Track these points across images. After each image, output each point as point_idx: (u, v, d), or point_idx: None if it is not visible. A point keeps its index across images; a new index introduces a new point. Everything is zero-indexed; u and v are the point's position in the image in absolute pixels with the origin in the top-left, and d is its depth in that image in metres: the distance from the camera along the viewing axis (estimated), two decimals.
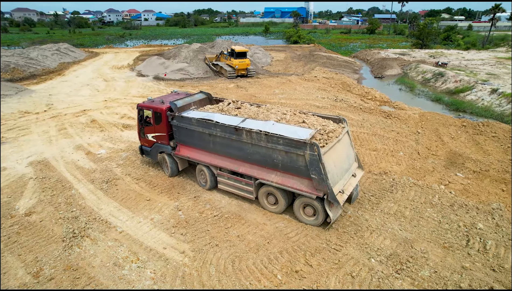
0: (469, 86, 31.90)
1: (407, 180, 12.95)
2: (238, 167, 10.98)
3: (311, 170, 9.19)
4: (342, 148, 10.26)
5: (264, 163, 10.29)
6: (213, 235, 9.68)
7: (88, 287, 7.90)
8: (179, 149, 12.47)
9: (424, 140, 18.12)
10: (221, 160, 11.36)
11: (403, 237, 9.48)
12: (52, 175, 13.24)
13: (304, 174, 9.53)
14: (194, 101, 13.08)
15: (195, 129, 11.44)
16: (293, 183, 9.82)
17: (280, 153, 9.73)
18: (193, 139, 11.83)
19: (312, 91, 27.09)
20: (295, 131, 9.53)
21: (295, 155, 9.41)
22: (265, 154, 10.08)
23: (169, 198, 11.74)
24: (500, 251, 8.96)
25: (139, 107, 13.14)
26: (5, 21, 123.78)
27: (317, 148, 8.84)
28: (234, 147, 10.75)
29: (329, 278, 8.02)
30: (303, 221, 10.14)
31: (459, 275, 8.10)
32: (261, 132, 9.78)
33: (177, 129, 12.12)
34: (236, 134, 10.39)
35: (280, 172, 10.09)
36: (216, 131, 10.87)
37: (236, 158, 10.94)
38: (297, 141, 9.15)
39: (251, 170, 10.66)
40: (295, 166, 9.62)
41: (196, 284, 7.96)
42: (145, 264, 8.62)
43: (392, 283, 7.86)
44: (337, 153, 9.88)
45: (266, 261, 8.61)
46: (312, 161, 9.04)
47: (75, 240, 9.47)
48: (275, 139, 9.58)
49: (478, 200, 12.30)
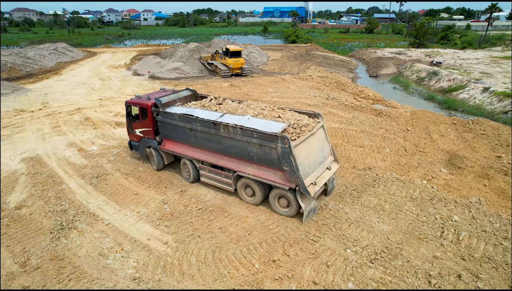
0: (462, 85, 32.20)
1: (390, 175, 13.24)
2: (217, 160, 11.42)
3: (283, 162, 9.59)
4: (316, 142, 10.64)
5: (241, 156, 10.72)
6: (196, 227, 10.00)
7: (72, 276, 8.21)
8: (164, 144, 12.95)
9: (413, 138, 18.40)
10: (202, 154, 11.81)
11: (380, 229, 9.79)
12: (43, 171, 13.56)
13: (277, 166, 9.92)
14: (179, 98, 13.55)
15: (178, 124, 11.89)
16: (268, 175, 10.23)
17: (254, 146, 10.14)
18: (176, 134, 12.29)
19: (305, 90, 27.39)
20: (268, 125, 9.92)
21: (268, 148, 9.82)
22: (241, 147, 10.50)
23: (156, 192, 12.06)
24: (472, 242, 9.26)
25: (127, 104, 13.72)
26: (5, 21, 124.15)
27: (288, 141, 9.20)
28: (213, 141, 11.19)
29: (305, 267, 8.33)
30: (278, 212, 10.57)
31: (430, 264, 8.40)
32: (236, 126, 10.19)
33: (162, 125, 12.62)
34: (215, 129, 10.81)
35: (255, 164, 10.51)
36: (197, 126, 11.31)
37: (216, 151, 11.39)
38: (269, 134, 9.55)
39: (229, 163, 11.09)
40: (268, 159, 10.03)
41: (177, 273, 8.27)
42: (129, 254, 8.93)
43: (365, 272, 8.16)
44: (310, 146, 10.26)
45: (246, 251, 8.92)
46: (284, 153, 9.44)
47: (62, 231, 9.79)
48: (250, 133, 9.99)
49: (459, 195, 12.59)
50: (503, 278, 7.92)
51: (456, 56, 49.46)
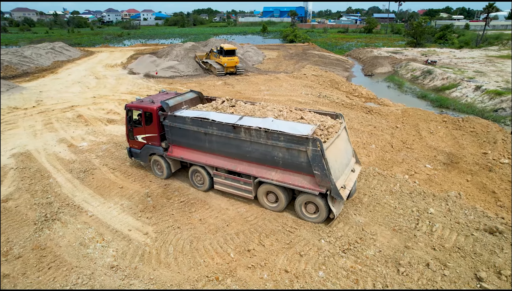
0: (455, 83, 32.39)
1: (372, 170, 13.45)
2: (236, 165, 10.70)
3: (314, 165, 9.11)
4: (341, 143, 10.33)
5: (263, 160, 10.13)
6: (177, 218, 10.24)
7: (52, 264, 8.45)
8: (172, 150, 12.00)
9: (401, 135, 18.60)
10: (217, 160, 11.06)
11: (356, 220, 10.01)
12: (32, 166, 13.82)
13: (306, 170, 9.44)
14: (185, 101, 12.75)
15: (190, 128, 11.09)
16: (295, 180, 9.70)
17: (281, 149, 9.58)
18: (187, 139, 11.48)
19: (297, 88, 27.62)
20: (295, 127, 9.49)
21: (297, 151, 9.31)
22: (265, 151, 9.91)
23: (141, 186, 12.30)
24: (445, 233, 9.48)
25: (128, 107, 12.52)
26: (5, 21, 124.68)
27: (320, 143, 8.79)
28: (231, 145, 10.50)
29: (278, 256, 8.56)
30: (305, 219, 10.01)
31: (401, 254, 8.62)
32: (260, 129, 9.63)
33: (170, 130, 11.68)
34: (234, 132, 10.15)
35: (280, 169, 9.95)
36: (213, 130, 10.55)
37: (234, 156, 10.70)
38: (299, 137, 9.06)
39: (249, 168, 10.44)
40: (296, 163, 9.52)
41: (154, 261, 8.51)
42: (109, 244, 9.18)
43: (337, 261, 8.38)
44: (337, 148, 9.91)
45: (222, 241, 9.16)
46: (315, 157, 8.98)
47: (46, 223, 10.04)
48: (276, 136, 9.44)
49: (440, 189, 12.81)
50: (469, 266, 8.14)
51: (452, 55, 49.63)
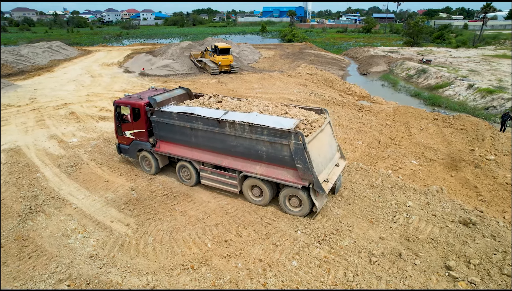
0: (449, 82, 32.55)
1: (356, 165, 13.61)
2: (221, 160, 10.81)
3: (296, 159, 9.25)
4: (325, 138, 10.46)
5: (248, 154, 10.25)
6: (159, 210, 10.43)
7: (33, 254, 8.64)
8: (159, 145, 12.10)
9: (390, 132, 18.76)
10: (204, 154, 11.18)
11: (334, 213, 10.18)
12: (21, 161, 14.02)
13: (289, 164, 9.58)
14: (173, 97, 12.89)
15: (176, 123, 11.17)
16: (278, 174, 9.83)
17: (264, 143, 9.70)
18: (174, 134, 11.57)
19: (290, 86, 27.80)
20: (279, 122, 9.59)
21: (280, 145, 9.45)
22: (249, 146, 10.04)
23: (126, 179, 12.50)
24: (421, 225, 9.65)
25: (116, 104, 12.65)
26: (5, 20, 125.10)
27: (302, 137, 8.90)
28: (217, 140, 10.63)
29: (254, 246, 8.74)
30: (289, 212, 10.12)
31: (375, 244, 8.79)
32: (244, 123, 9.73)
33: (157, 125, 11.80)
34: (219, 127, 10.25)
35: (264, 163, 10.09)
36: (198, 124, 10.66)
37: (220, 151, 10.81)
38: (282, 131, 9.18)
39: (235, 163, 10.56)
40: (279, 156, 9.66)
41: (132, 251, 8.70)
42: (90, 235, 9.38)
43: (311, 251, 8.55)
44: (321, 143, 10.02)
45: (201, 232, 9.35)
46: (297, 150, 9.12)
47: (30, 215, 10.24)
48: (259, 130, 9.54)
49: (423, 184, 12.98)
50: (440, 256, 8.31)
51: (448, 55, 49.75)
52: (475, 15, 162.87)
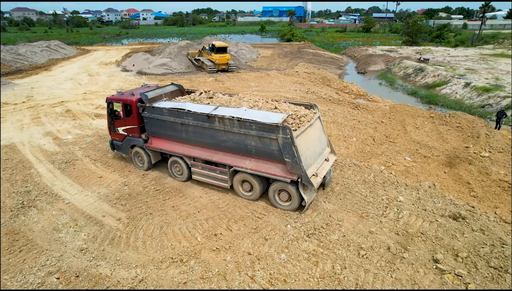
0: (446, 80, 32.58)
1: (349, 161, 13.65)
2: (212, 155, 10.87)
3: (284, 153, 9.31)
4: (314, 132, 10.53)
5: (237, 149, 10.32)
6: (150, 205, 10.48)
7: (24, 247, 8.68)
8: (151, 141, 12.19)
9: (386, 129, 18.79)
10: (194, 150, 11.23)
11: (324, 208, 10.21)
12: (15, 157, 14.07)
13: (278, 158, 9.64)
14: (165, 93, 12.94)
15: (167, 119, 11.24)
16: (267, 168, 9.90)
17: (253, 138, 9.78)
18: (165, 130, 11.65)
19: (286, 85, 27.84)
20: (267, 116, 9.63)
21: (268, 139, 9.51)
22: (239, 140, 10.11)
23: (119, 175, 12.54)
24: (411, 219, 9.68)
25: (109, 100, 12.75)
26: (5, 20, 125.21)
27: (290, 131, 8.95)
28: (207, 135, 10.70)
29: (244, 240, 8.78)
30: (279, 207, 10.20)
31: (364, 238, 8.83)
32: (233, 118, 9.77)
33: (149, 121, 11.89)
34: (209, 122, 10.32)
35: (254, 158, 10.16)
36: (189, 120, 10.73)
37: (210, 146, 10.87)
38: (270, 125, 9.23)
39: (225, 158, 10.62)
40: (268, 151, 9.72)
41: (123, 245, 8.74)
42: (81, 229, 9.42)
43: (300, 245, 8.59)
44: (309, 137, 10.09)
45: (191, 226, 9.39)
46: (285, 144, 9.17)
47: (22, 210, 10.28)
48: (248, 125, 9.61)
49: (416, 180, 13.01)
50: (428, 250, 8.34)
51: (446, 54, 49.78)
52: (475, 15, 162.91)
